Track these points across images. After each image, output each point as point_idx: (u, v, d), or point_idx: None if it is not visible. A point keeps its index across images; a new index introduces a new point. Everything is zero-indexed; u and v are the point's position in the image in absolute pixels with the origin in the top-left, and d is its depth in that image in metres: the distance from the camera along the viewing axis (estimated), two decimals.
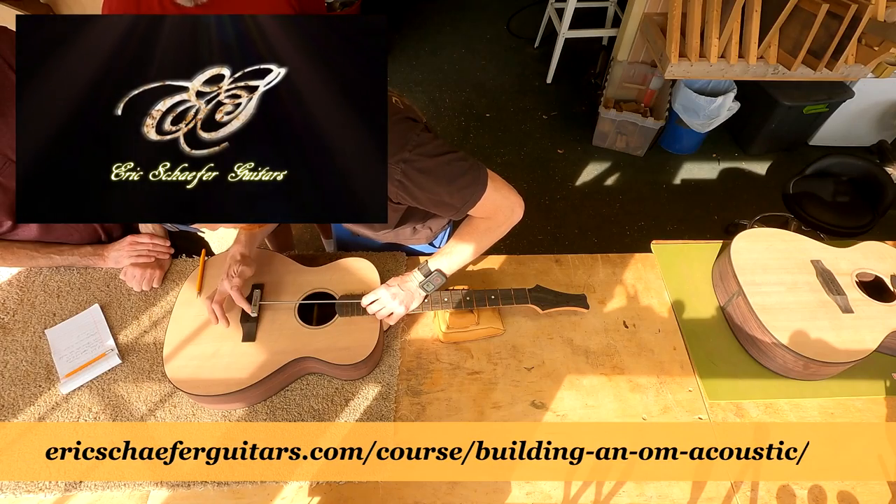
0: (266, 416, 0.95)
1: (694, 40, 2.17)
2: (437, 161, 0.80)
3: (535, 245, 2.46)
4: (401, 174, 0.79)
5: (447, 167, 0.81)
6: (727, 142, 3.01)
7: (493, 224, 0.94)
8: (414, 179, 0.79)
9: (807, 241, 1.17)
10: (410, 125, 0.80)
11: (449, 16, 3.87)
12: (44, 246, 1.08)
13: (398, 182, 0.80)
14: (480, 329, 1.06)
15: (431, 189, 0.81)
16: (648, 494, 0.90)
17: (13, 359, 1.00)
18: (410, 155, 0.77)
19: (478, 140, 2.98)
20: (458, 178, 0.82)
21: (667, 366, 1.06)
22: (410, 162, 0.78)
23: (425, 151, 0.79)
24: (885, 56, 2.06)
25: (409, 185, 0.80)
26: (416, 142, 0.78)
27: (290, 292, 1.02)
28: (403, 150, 0.77)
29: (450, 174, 0.81)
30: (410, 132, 0.79)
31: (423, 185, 0.81)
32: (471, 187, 0.83)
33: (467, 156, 0.83)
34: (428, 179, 0.80)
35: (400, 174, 0.79)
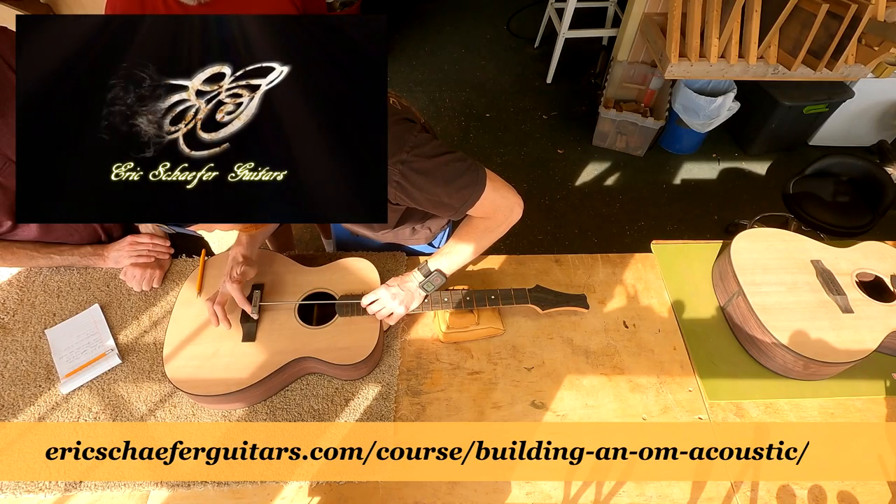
0: (266, 416, 0.95)
1: (694, 40, 2.17)
2: (435, 162, 0.79)
3: (535, 245, 2.46)
4: (399, 175, 0.78)
5: (445, 168, 0.80)
6: (727, 142, 3.01)
7: (493, 224, 0.94)
8: (412, 180, 0.79)
9: (807, 241, 1.17)
10: (408, 126, 0.80)
11: (449, 16, 3.87)
12: (44, 246, 1.08)
13: (396, 183, 0.80)
14: (480, 329, 1.06)
15: (429, 190, 0.81)
16: (648, 494, 0.90)
17: (13, 359, 1.00)
18: (408, 156, 0.77)
19: (478, 140, 2.98)
20: (456, 179, 0.81)
21: (667, 366, 1.06)
22: (408, 163, 0.77)
23: (423, 152, 0.78)
24: (885, 56, 2.06)
25: (407, 186, 0.80)
26: (413, 143, 0.78)
27: (290, 292, 1.02)
28: (401, 151, 0.77)
29: (448, 175, 0.81)
30: (408, 133, 0.78)
31: (421, 186, 0.80)
32: (469, 188, 0.83)
33: (466, 156, 0.83)
34: (426, 180, 0.80)
35: (398, 175, 0.78)
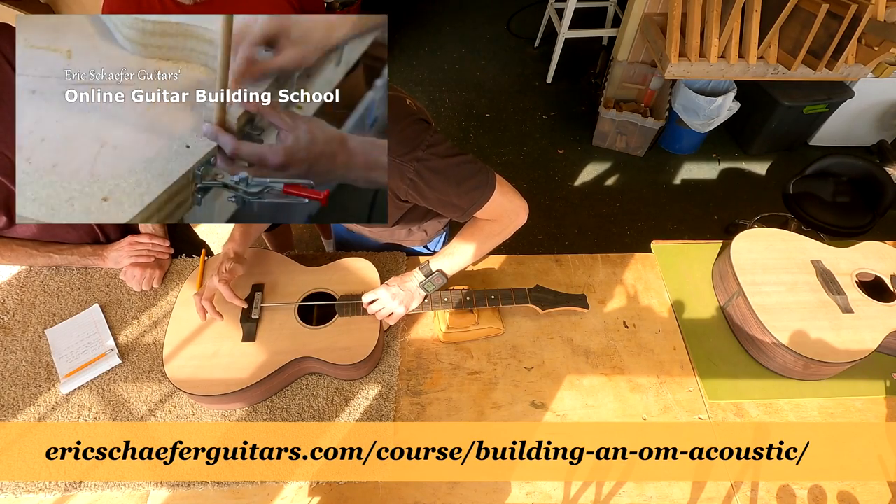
0: (266, 416, 0.95)
1: (694, 40, 2.17)
2: (449, 162, 0.82)
3: (535, 245, 2.46)
4: (414, 172, 0.80)
5: (458, 168, 0.83)
6: (727, 142, 3.01)
7: (498, 227, 0.96)
8: (426, 178, 0.81)
9: (807, 241, 1.17)
10: (425, 126, 0.82)
11: (449, 16, 3.87)
12: (43, 245, 1.08)
13: (410, 180, 0.81)
14: (480, 329, 1.06)
15: (442, 189, 0.83)
16: (648, 494, 0.90)
17: (13, 359, 1.00)
18: (424, 154, 0.79)
19: (478, 140, 2.98)
20: (467, 180, 0.84)
21: (667, 366, 1.06)
22: (424, 161, 0.80)
23: (438, 152, 0.81)
24: (885, 56, 2.06)
25: (420, 183, 0.82)
26: (429, 142, 0.80)
27: (290, 292, 1.02)
28: (417, 149, 0.79)
29: (460, 176, 0.83)
30: (425, 132, 0.80)
31: (434, 184, 0.82)
32: (479, 189, 0.85)
33: (476, 159, 0.86)
34: (439, 179, 0.82)
35: (413, 172, 0.80)
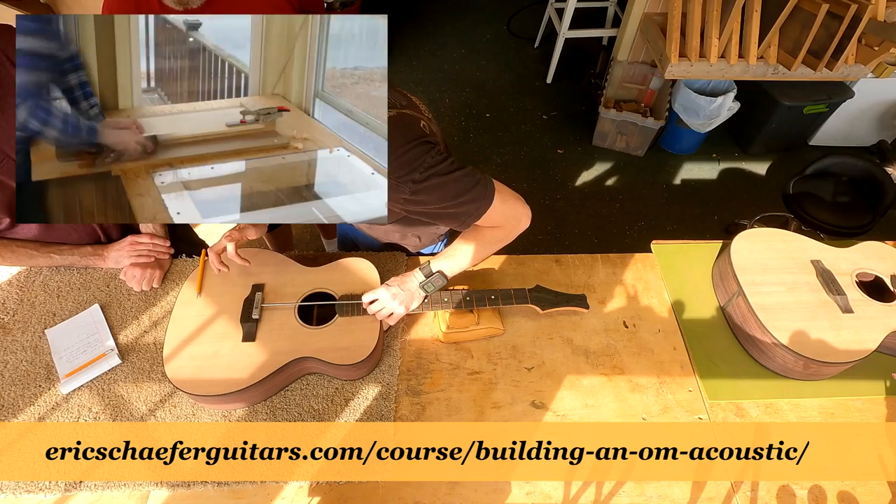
0: (266, 416, 0.95)
1: (694, 40, 2.17)
2: (446, 179, 0.83)
3: (535, 245, 2.46)
4: (409, 193, 0.81)
5: (454, 184, 0.84)
6: (727, 142, 3.01)
7: (500, 233, 0.96)
8: (420, 197, 0.83)
9: (807, 241, 1.17)
10: (427, 148, 0.82)
11: (449, 16, 3.87)
12: (44, 245, 1.08)
13: (403, 200, 0.83)
14: (480, 329, 1.06)
15: (437, 204, 0.85)
16: (648, 494, 0.90)
17: (13, 359, 1.00)
18: (420, 175, 0.80)
19: (478, 140, 2.98)
20: (464, 194, 0.85)
21: (667, 366, 1.06)
22: (419, 182, 0.81)
23: (435, 171, 0.82)
24: (885, 56, 2.06)
25: (415, 202, 0.83)
26: (429, 163, 0.81)
27: (291, 292, 1.02)
28: (415, 171, 0.80)
29: (456, 191, 0.84)
30: (426, 154, 0.81)
31: (429, 201, 0.84)
32: (475, 202, 0.86)
33: (476, 171, 0.86)
34: (434, 196, 0.83)
35: (408, 192, 0.81)
